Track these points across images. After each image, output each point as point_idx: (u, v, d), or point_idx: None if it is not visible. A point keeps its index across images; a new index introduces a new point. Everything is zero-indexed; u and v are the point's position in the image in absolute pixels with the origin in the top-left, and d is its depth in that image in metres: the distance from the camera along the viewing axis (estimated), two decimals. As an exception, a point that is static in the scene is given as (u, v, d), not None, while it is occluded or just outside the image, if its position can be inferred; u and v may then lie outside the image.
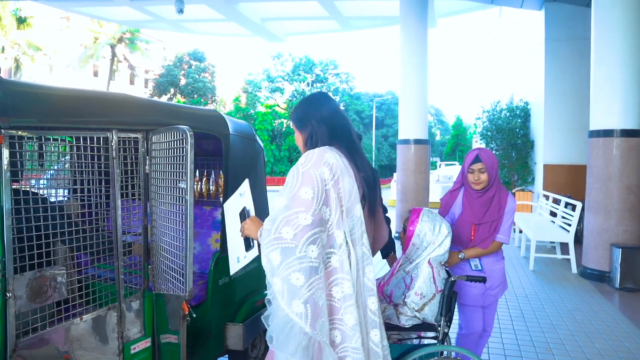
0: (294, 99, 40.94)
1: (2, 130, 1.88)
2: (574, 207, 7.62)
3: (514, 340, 4.52)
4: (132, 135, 2.44)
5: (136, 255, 2.53)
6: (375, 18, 12.96)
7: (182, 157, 2.14)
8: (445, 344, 2.78)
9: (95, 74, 42.66)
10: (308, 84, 41.44)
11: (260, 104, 40.82)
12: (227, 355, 3.44)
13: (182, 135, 2.13)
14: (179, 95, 40.10)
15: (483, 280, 2.86)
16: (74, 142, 2.17)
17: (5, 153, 1.89)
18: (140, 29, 32.60)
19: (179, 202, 2.19)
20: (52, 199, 2.52)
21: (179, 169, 2.17)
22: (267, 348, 3.78)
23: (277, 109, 41.06)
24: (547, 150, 10.66)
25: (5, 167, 1.88)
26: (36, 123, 2.02)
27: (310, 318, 1.60)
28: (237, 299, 3.30)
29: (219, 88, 43.32)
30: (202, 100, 39.89)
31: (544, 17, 10.57)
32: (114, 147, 2.33)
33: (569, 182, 10.22)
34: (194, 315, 2.25)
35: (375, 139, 43.51)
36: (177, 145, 2.19)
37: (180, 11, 11.34)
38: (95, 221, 2.51)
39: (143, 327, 2.56)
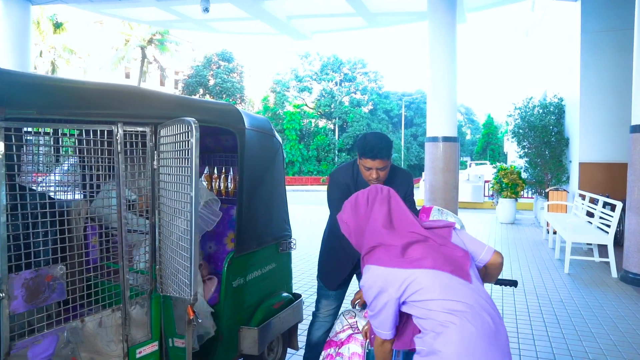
0: (322, 98, 40.84)
1: (-2, 122, 1.78)
2: (613, 207, 7.22)
3: (549, 349, 4.24)
4: (140, 129, 2.32)
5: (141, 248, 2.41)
6: (403, 14, 12.67)
7: (189, 151, 2.00)
8: None
9: (127, 76, 43.50)
10: (336, 83, 41.27)
11: (289, 103, 40.87)
12: (242, 360, 3.31)
13: (188, 128, 1.99)
14: (207, 96, 40.53)
15: (514, 284, 2.61)
16: (77, 136, 2.06)
17: (1, 145, 1.78)
18: (170, 30, 33.05)
19: (187, 199, 2.06)
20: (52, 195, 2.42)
21: (187, 163, 2.03)
22: (285, 351, 3.63)
23: (305, 108, 41.04)
24: (583, 148, 10.20)
25: (0, 161, 1.77)
26: (35, 115, 1.91)
27: None
28: (252, 302, 3.15)
29: (248, 88, 43.61)
30: (230, 100, 40.22)
31: (580, 8, 10.11)
32: (119, 141, 2.21)
33: (607, 181, 9.73)
34: (200, 321, 2.11)
35: (404, 138, 42.99)
36: (184, 138, 2.06)
37: (206, 10, 11.32)
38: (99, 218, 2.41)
39: (150, 330, 2.44)
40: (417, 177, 26.99)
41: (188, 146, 2.00)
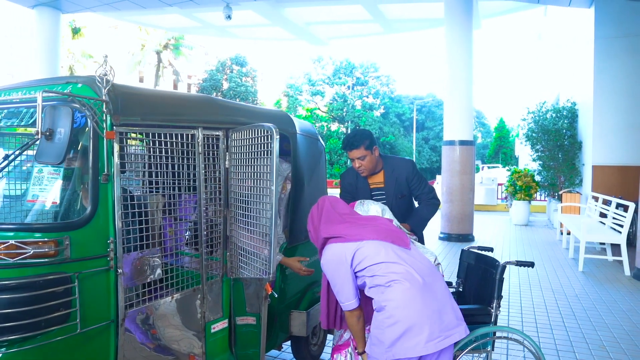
0: (335, 102, 41.23)
1: (115, 127, 2.15)
2: (625, 208, 7.48)
3: (566, 337, 4.56)
4: (215, 133, 2.69)
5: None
6: (419, 20, 13.03)
7: (267, 152, 2.37)
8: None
9: (141, 80, 44.15)
10: (348, 87, 41.65)
11: (301, 107, 41.29)
12: (289, 341, 3.66)
13: (268, 132, 2.36)
14: (221, 100, 40.87)
15: (531, 264, 2.99)
16: (168, 139, 2.42)
17: (116, 147, 2.16)
18: (184, 35, 33.67)
19: (261, 192, 2.42)
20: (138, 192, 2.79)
21: (263, 162, 2.40)
22: (326, 336, 3.98)
23: (317, 112, 41.43)
24: (596, 151, 10.44)
25: (117, 160, 2.15)
26: (139, 121, 2.29)
27: None
28: (300, 288, 3.51)
29: (260, 92, 44.10)
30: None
31: (594, 14, 10.37)
32: (199, 144, 2.58)
33: (620, 183, 9.96)
34: (276, 295, 2.45)
35: (416, 142, 43.24)
36: (259, 141, 2.41)
37: (229, 17, 11.75)
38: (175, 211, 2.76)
39: (221, 309, 2.80)
40: (430, 180, 27.18)
41: (267, 147, 2.36)
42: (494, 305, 2.77)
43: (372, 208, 2.70)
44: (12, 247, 1.94)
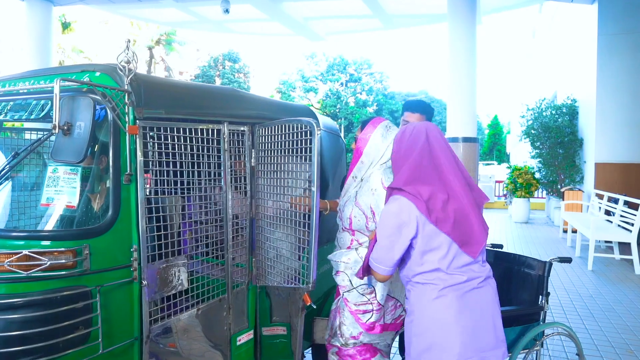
0: (328, 98, 41.00)
1: (138, 121, 1.92)
2: (634, 206, 7.36)
3: (590, 341, 4.41)
4: (240, 128, 2.46)
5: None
6: (419, 16, 12.83)
7: (304, 149, 2.15)
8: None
9: (132, 76, 43.53)
10: (342, 83, 41.42)
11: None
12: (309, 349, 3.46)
13: (307, 128, 2.14)
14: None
15: (569, 260, 3.08)
16: (192, 134, 2.20)
17: (139, 143, 1.93)
18: (176, 31, 33.20)
19: (296, 193, 2.20)
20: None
21: (298, 160, 2.18)
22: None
23: (311, 108, 41.19)
24: (599, 149, 10.33)
25: (140, 158, 1.92)
26: (162, 114, 2.06)
27: None
28: (321, 294, 3.30)
29: (253, 88, 43.75)
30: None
31: (596, 11, 10.25)
32: (225, 139, 2.36)
33: (623, 180, 9.87)
34: (314, 307, 2.25)
35: (408, 139, 43.11)
36: (293, 137, 2.20)
37: (227, 11, 11.46)
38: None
39: (247, 319, 2.59)
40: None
41: (306, 144, 2.14)
42: (543, 302, 2.81)
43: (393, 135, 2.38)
44: (24, 258, 1.70)
